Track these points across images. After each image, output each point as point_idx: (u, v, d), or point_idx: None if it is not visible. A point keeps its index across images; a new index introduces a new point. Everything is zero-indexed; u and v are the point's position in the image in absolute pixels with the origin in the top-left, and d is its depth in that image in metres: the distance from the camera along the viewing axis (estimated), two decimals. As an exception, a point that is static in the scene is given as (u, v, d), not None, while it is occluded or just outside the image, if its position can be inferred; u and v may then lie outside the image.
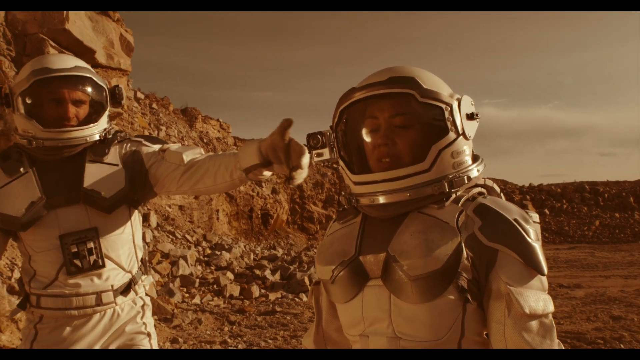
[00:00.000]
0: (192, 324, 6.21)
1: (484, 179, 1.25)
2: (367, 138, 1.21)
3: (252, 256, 11.27)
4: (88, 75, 1.87)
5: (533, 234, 1.10)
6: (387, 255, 1.15)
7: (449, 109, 1.16)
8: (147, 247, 8.32)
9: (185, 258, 8.74)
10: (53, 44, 8.67)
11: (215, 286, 8.23)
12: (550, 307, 1.07)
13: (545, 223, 21.99)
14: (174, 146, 2.00)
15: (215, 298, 7.75)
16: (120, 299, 1.88)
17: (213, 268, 9.34)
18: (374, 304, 1.16)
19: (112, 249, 1.87)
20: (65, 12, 8.68)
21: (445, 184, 1.14)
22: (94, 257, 1.82)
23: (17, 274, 5.68)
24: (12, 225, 1.79)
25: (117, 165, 1.91)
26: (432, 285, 1.08)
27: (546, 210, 23.83)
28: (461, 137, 1.17)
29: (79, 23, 9.02)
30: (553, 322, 1.09)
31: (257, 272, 9.23)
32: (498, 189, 1.26)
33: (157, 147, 2.02)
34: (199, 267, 9.15)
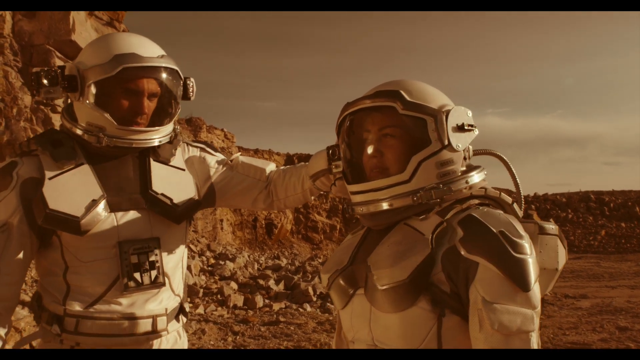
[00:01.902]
0: (195, 334, 6.19)
1: (484, 189, 1.23)
2: (361, 150, 1.25)
3: (256, 266, 11.26)
4: (175, 67, 1.59)
5: (521, 248, 1.05)
6: (366, 265, 1.18)
7: (433, 120, 1.17)
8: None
9: (189, 268, 8.73)
10: (59, 54, 8.75)
11: (219, 296, 8.21)
12: (530, 326, 1.02)
13: (550, 233, 21.87)
14: (243, 158, 1.82)
15: (219, 308, 7.73)
16: (172, 325, 1.59)
17: (217, 278, 9.32)
18: (359, 311, 1.20)
19: (168, 266, 1.59)
20: (71, 23, 8.76)
21: (424, 195, 1.15)
22: (155, 272, 1.54)
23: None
24: (67, 227, 1.45)
25: (183, 169, 1.68)
26: (401, 296, 1.09)
27: (551, 220, 23.71)
28: (447, 148, 1.17)
29: (84, 34, 9.10)
30: (533, 341, 1.04)
31: (261, 282, 9.21)
32: (509, 199, 1.24)
33: (220, 156, 1.82)
34: (203, 277, 9.14)
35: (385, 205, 1.18)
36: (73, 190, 1.48)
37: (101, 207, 1.49)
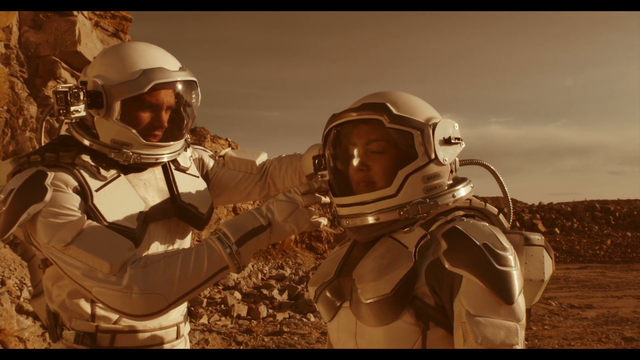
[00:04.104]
0: (199, 344, 6.17)
1: (469, 200, 1.22)
2: (347, 163, 1.24)
3: (259, 276, 11.24)
4: (195, 79, 1.57)
5: (505, 260, 1.05)
6: (351, 278, 1.17)
7: (419, 134, 1.16)
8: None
9: (193, 277, 8.72)
10: (65, 65, 8.82)
11: (222, 306, 8.19)
12: (513, 339, 1.01)
13: (555, 242, 21.76)
14: (233, 152, 1.83)
15: (223, 318, 7.72)
16: (186, 327, 1.65)
17: (221, 287, 9.31)
18: (345, 324, 1.20)
19: None
20: (77, 34, 8.84)
21: (411, 209, 1.15)
22: None
23: (26, 294, 5.68)
24: None
25: (198, 177, 1.70)
26: (385, 310, 1.08)
27: (556, 229, 23.58)
28: (434, 161, 1.17)
29: (90, 45, 9.18)
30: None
31: (265, 291, 9.19)
32: (495, 210, 1.24)
33: (209, 152, 1.86)
34: (207, 287, 9.13)
35: (371, 219, 1.18)
36: (120, 202, 1.45)
37: (145, 218, 1.48)
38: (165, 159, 1.54)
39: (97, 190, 1.43)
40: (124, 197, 1.48)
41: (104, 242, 1.33)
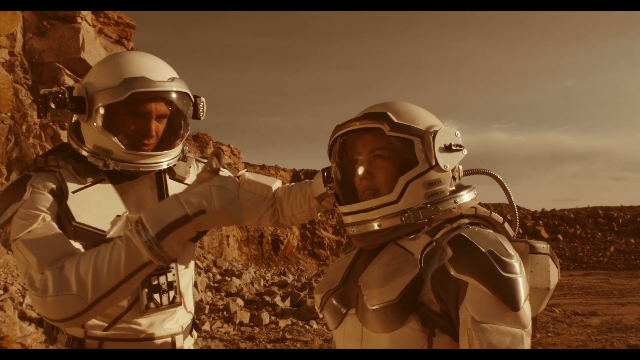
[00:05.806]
0: (201, 351, 6.16)
1: (474, 208, 1.24)
2: (352, 172, 1.27)
3: (262, 282, 11.23)
4: (185, 90, 1.55)
5: (510, 267, 1.05)
6: (357, 285, 1.18)
7: (419, 141, 1.19)
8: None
9: (195, 284, 8.72)
10: (69, 72, 8.86)
11: (225, 313, 8.18)
12: (519, 346, 1.01)
13: (558, 249, 21.70)
14: (250, 175, 1.83)
15: (225, 325, 7.70)
16: (187, 342, 1.61)
17: (223, 294, 9.30)
18: (351, 331, 1.20)
19: (182, 284, 1.59)
20: (80, 41, 8.88)
21: (412, 215, 1.16)
22: (173, 292, 1.54)
23: (28, 300, 5.68)
24: (93, 242, 1.38)
25: None
26: (391, 316, 1.09)
27: (560, 236, 23.51)
28: (435, 168, 1.19)
29: (94, 52, 9.22)
30: None
31: (267, 298, 9.18)
32: (500, 218, 1.25)
33: (226, 172, 1.80)
34: (209, 294, 9.12)
35: (375, 226, 1.20)
36: (97, 205, 1.45)
37: (125, 222, 1.46)
38: (149, 168, 1.52)
39: (74, 192, 1.44)
40: (102, 201, 1.47)
41: (44, 241, 1.32)
